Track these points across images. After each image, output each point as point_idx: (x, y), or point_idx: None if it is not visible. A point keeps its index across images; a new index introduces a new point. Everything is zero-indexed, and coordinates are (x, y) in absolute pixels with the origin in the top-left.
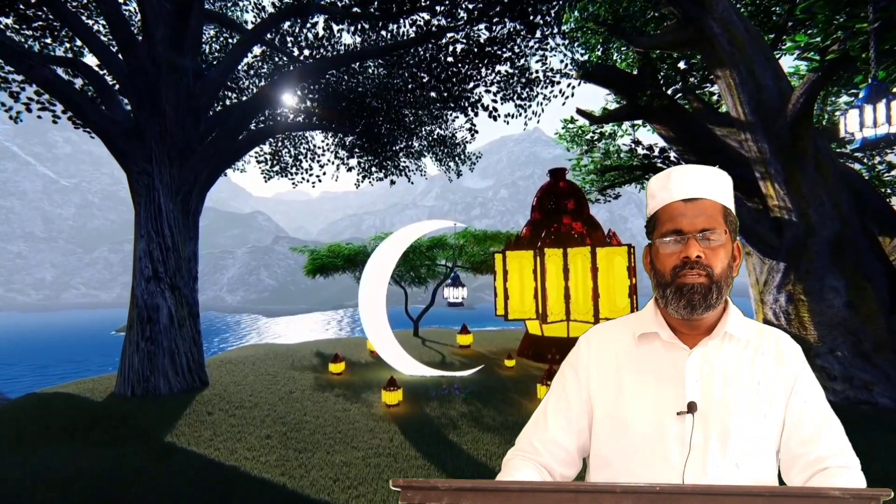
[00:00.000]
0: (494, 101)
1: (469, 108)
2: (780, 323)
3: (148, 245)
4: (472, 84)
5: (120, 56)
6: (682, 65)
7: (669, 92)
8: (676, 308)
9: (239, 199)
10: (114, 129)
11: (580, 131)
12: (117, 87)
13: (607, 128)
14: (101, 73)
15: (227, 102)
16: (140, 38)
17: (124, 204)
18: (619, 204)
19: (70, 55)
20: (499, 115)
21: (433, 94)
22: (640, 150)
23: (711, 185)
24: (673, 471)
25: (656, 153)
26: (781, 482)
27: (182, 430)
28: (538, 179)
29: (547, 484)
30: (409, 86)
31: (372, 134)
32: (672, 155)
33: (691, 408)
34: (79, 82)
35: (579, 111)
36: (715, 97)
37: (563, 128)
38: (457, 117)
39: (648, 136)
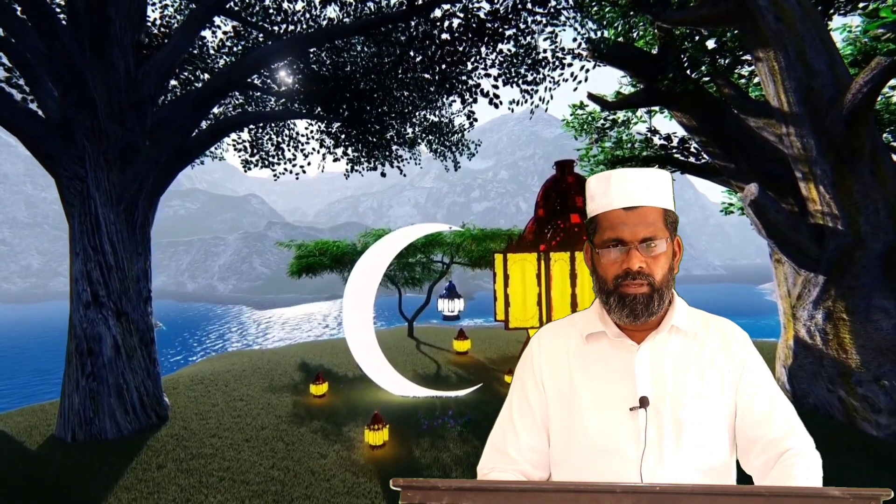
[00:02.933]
0: (495, 86)
1: (466, 93)
2: (814, 342)
3: (85, 264)
4: (470, 65)
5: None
6: (710, 43)
7: (694, 75)
8: (619, 316)
9: (234, 179)
10: (32, 126)
11: (590, 118)
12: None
13: (620, 114)
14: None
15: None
16: (61, 10)
17: None
18: None
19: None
20: (500, 103)
21: (426, 75)
22: (656, 140)
23: (652, 190)
24: (630, 465)
25: (675, 143)
26: (740, 469)
27: (119, 496)
28: (539, 160)
29: (547, 484)
30: (401, 66)
31: (360, 120)
32: (693, 146)
33: (643, 402)
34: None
35: (590, 96)
36: (743, 80)
37: (570, 114)
38: (454, 101)
39: (666, 124)
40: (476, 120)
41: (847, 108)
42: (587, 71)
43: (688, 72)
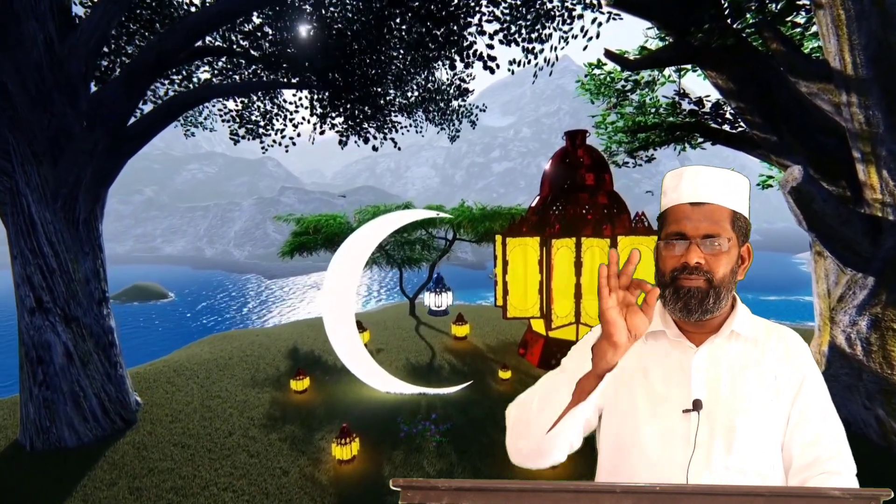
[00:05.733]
0: (490, 46)
1: (457, 58)
2: (854, 352)
3: (24, 268)
4: (463, 22)
5: None
6: None
7: (736, 25)
8: (673, 310)
9: (254, 141)
10: None
11: (609, 79)
12: None
13: (644, 74)
14: None
15: None
16: None
17: None
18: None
19: None
20: (498, 66)
21: (415, 36)
22: (685, 105)
23: (721, 189)
24: (677, 468)
25: (707, 109)
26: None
27: None
28: (564, 116)
29: (547, 484)
30: (386, 25)
31: (349, 88)
32: (728, 112)
33: (696, 405)
34: None
35: (608, 53)
36: (798, 30)
37: (586, 75)
38: (454, 63)
39: (699, 85)
40: (469, 91)
41: None
42: (599, 24)
43: (728, 21)
